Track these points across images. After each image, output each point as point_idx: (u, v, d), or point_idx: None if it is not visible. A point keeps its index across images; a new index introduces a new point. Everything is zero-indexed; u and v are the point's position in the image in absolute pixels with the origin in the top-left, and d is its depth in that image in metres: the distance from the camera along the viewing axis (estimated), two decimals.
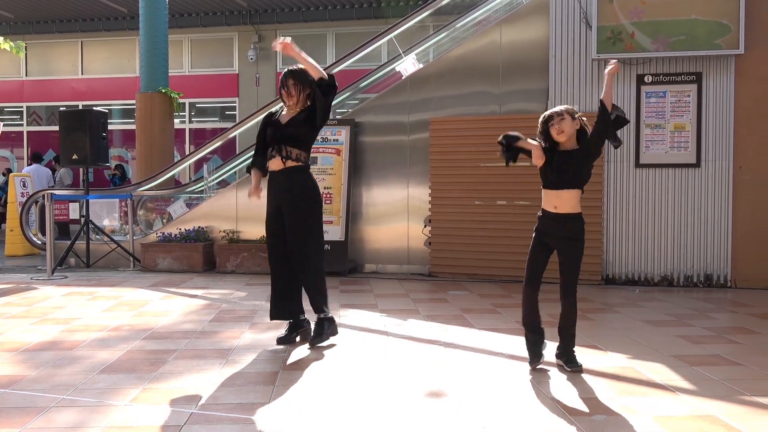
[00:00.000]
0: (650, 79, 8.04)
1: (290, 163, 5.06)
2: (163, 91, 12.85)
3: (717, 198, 7.92)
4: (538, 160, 4.38)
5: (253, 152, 5.40)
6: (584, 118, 4.44)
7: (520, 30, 8.60)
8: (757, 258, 7.81)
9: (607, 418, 3.51)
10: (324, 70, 5.14)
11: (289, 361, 4.67)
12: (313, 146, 5.34)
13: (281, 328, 5.71)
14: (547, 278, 4.45)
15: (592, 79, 8.19)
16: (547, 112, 4.43)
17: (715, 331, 5.60)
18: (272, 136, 5.11)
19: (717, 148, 7.92)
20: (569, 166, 4.35)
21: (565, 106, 4.48)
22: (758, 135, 7.82)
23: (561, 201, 4.37)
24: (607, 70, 4.37)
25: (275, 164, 5.08)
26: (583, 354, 4.83)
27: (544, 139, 4.40)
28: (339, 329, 5.34)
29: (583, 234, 4.42)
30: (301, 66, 5.11)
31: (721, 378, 4.23)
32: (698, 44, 7.78)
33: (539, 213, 4.49)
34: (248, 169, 5.40)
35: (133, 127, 14.30)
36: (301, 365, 4.57)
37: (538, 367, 4.43)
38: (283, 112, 5.22)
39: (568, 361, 4.43)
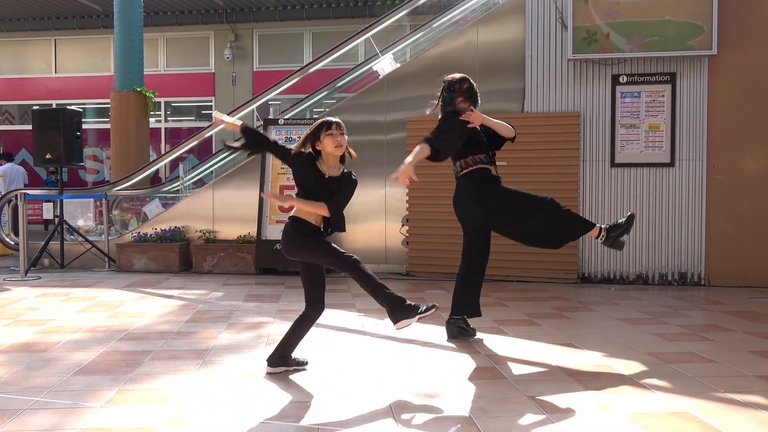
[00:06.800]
0: (625, 80, 8.12)
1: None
2: (139, 89, 12.73)
3: (691, 197, 8.02)
4: None
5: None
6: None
7: (497, 30, 8.64)
8: (730, 256, 7.91)
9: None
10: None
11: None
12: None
13: (258, 328, 5.70)
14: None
15: (568, 79, 8.25)
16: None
17: (690, 328, 5.66)
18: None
19: (691, 148, 8.01)
20: None
21: None
22: (731, 135, 7.93)
23: None
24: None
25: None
26: (559, 352, 4.87)
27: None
28: (316, 330, 5.31)
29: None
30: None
31: (695, 375, 4.28)
32: (672, 45, 7.87)
33: None
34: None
35: (108, 126, 14.16)
36: None
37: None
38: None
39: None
